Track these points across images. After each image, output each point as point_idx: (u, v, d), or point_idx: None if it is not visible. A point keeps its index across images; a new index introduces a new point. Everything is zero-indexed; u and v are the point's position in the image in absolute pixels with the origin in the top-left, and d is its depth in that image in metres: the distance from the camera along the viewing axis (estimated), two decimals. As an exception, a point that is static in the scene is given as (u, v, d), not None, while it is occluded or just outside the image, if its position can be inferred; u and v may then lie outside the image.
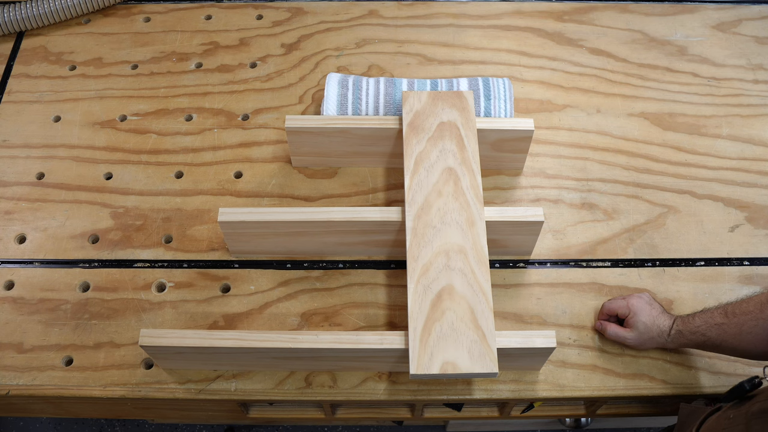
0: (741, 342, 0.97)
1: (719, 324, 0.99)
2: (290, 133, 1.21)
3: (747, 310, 0.97)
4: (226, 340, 1.01)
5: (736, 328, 0.97)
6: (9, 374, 1.10)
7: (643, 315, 1.07)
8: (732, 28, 1.48)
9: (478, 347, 0.97)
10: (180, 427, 1.97)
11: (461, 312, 1.00)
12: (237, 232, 1.14)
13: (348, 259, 1.21)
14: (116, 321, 1.15)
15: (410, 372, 0.96)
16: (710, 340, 1.01)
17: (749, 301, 0.99)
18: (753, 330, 0.96)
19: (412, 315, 1.00)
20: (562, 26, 1.48)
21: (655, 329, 1.06)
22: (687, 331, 1.03)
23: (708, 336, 1.01)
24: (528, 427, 1.82)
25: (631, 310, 1.08)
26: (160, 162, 1.31)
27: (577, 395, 1.09)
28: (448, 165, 1.12)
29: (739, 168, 1.30)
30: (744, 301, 0.99)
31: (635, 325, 1.07)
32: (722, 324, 0.99)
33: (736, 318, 0.98)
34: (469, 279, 1.02)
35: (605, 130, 1.35)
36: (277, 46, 1.46)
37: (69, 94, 1.40)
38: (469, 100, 1.19)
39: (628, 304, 1.09)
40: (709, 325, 1.01)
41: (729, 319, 0.99)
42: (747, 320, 0.96)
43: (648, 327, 1.07)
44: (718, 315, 1.00)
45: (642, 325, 1.07)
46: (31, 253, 1.21)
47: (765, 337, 0.95)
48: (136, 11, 1.51)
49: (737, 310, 0.98)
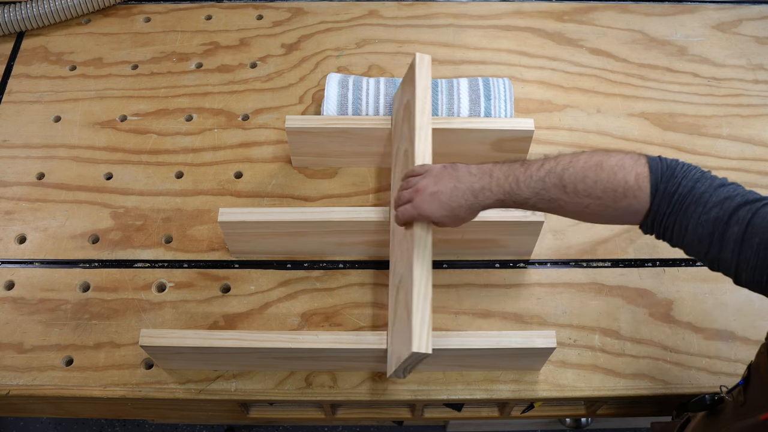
0: (584, 218, 0.89)
1: (555, 199, 0.87)
2: (290, 133, 1.21)
3: (588, 190, 0.85)
4: (226, 340, 1.01)
5: (577, 208, 0.87)
6: (9, 374, 1.10)
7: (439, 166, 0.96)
8: (732, 28, 1.48)
9: (408, 332, 0.92)
10: (180, 427, 1.97)
11: (405, 301, 0.97)
12: (237, 232, 1.14)
13: (348, 259, 1.20)
14: (116, 321, 1.15)
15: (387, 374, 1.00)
16: (540, 209, 0.90)
17: (585, 173, 0.85)
18: (596, 211, 0.86)
19: (389, 316, 1.01)
20: (562, 26, 1.48)
21: (460, 170, 0.93)
22: (513, 200, 0.90)
23: (539, 207, 0.90)
24: (528, 427, 1.82)
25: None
26: (161, 162, 1.31)
27: (577, 395, 1.09)
28: (404, 148, 1.11)
29: (739, 168, 1.30)
30: (585, 176, 0.85)
31: (428, 169, 0.96)
32: (559, 200, 0.87)
33: (578, 198, 0.86)
34: (410, 265, 0.97)
35: (605, 130, 1.35)
36: (278, 46, 1.46)
37: (69, 94, 1.40)
38: (416, 70, 1.15)
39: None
40: (541, 198, 0.88)
41: (569, 197, 0.86)
42: (591, 203, 0.85)
43: (445, 169, 0.94)
44: (554, 189, 0.87)
45: (437, 168, 0.95)
46: (31, 253, 1.21)
47: (609, 219, 0.87)
48: (137, 11, 1.51)
49: (579, 187, 0.85)
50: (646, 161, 0.84)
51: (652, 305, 1.16)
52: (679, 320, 1.15)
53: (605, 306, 1.16)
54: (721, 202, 0.78)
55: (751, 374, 0.87)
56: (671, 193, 0.81)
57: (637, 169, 0.83)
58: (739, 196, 0.78)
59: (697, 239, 0.80)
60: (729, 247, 0.77)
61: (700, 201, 0.80)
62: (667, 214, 0.82)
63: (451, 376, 1.10)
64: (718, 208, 0.78)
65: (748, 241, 0.75)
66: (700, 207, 0.80)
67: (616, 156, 0.85)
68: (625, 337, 1.13)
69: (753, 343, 1.12)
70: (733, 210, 0.77)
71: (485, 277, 1.19)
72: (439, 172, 0.95)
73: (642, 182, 0.83)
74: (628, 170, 0.83)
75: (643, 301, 1.16)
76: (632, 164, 0.84)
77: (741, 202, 0.77)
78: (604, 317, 1.15)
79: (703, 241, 0.79)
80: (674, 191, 0.81)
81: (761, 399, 0.84)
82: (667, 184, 0.82)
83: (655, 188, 0.82)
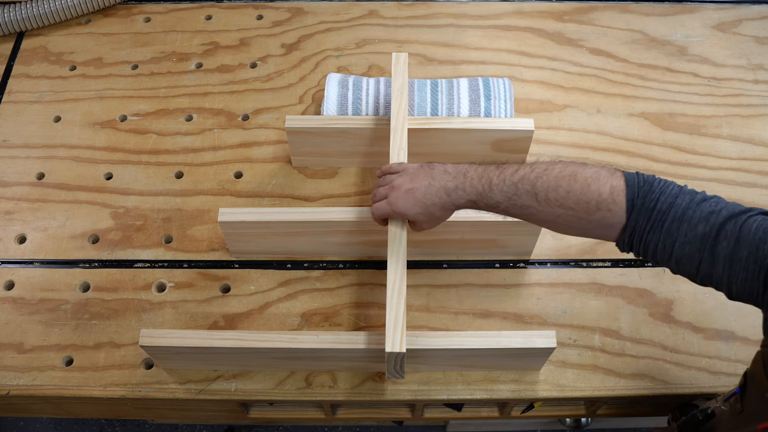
0: (557, 228, 0.88)
1: (527, 206, 0.87)
2: (290, 133, 1.21)
3: (560, 200, 0.84)
4: (226, 340, 1.01)
5: (549, 217, 0.86)
6: (9, 374, 1.10)
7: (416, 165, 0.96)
8: (732, 28, 1.48)
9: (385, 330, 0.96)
10: (180, 427, 1.97)
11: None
12: (237, 232, 1.14)
13: (348, 259, 1.20)
14: (116, 321, 1.15)
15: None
16: (512, 214, 0.89)
17: (558, 183, 0.84)
18: (568, 222, 0.85)
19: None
20: (562, 26, 1.48)
21: (436, 169, 0.93)
22: (486, 203, 0.89)
23: (511, 212, 0.89)
24: (528, 427, 1.82)
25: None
26: (161, 162, 1.31)
27: (577, 395, 1.09)
28: None
29: (739, 168, 1.30)
30: (558, 185, 0.84)
31: (405, 168, 0.96)
32: (531, 207, 0.86)
33: (550, 207, 0.85)
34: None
35: (605, 130, 1.35)
36: (277, 46, 1.46)
37: (69, 94, 1.40)
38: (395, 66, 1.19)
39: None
40: (513, 203, 0.88)
41: (540, 206, 0.86)
42: (563, 213, 0.85)
43: (421, 168, 0.94)
44: (526, 195, 0.86)
45: (414, 167, 0.95)
46: (31, 253, 1.21)
47: (583, 231, 0.86)
48: (137, 11, 1.51)
49: (551, 196, 0.85)
50: (622, 175, 0.83)
51: (652, 305, 1.16)
52: (679, 320, 1.15)
53: (605, 306, 1.16)
54: (707, 218, 0.77)
55: (747, 382, 0.87)
56: (649, 208, 0.80)
57: (612, 182, 0.82)
58: (724, 210, 0.77)
59: (686, 257, 0.79)
60: (720, 262, 0.76)
61: (684, 218, 0.79)
62: (647, 230, 0.80)
63: (451, 376, 1.10)
64: (704, 224, 0.77)
65: (737, 255, 0.75)
66: (684, 224, 0.78)
67: (591, 168, 0.84)
68: (625, 337, 1.13)
69: (753, 343, 1.12)
70: (720, 225, 0.76)
71: (485, 277, 1.19)
72: (416, 170, 0.95)
73: (617, 196, 0.82)
74: (603, 182, 0.82)
75: (643, 301, 1.16)
76: (607, 177, 0.83)
77: (727, 216, 0.77)
78: (604, 317, 1.15)
79: (693, 258, 0.78)
80: (653, 207, 0.80)
81: (759, 408, 0.83)
82: (645, 199, 0.81)
83: (631, 203, 0.81)
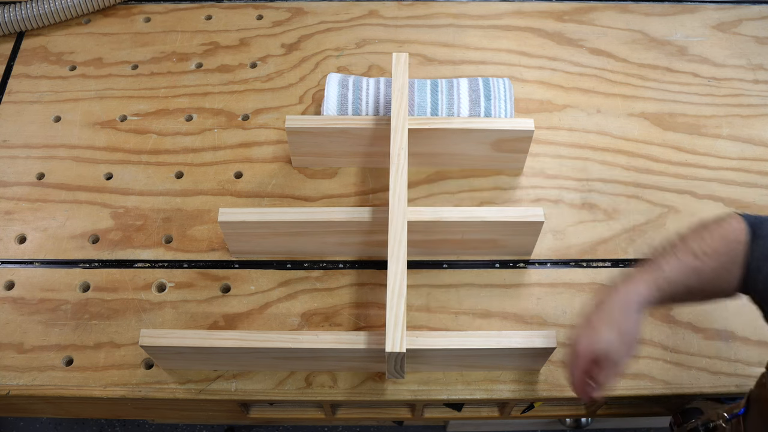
0: (719, 282, 0.88)
1: (694, 268, 0.87)
2: (290, 133, 1.21)
3: (715, 248, 0.87)
4: (226, 340, 1.01)
5: (713, 271, 0.87)
6: (9, 374, 1.10)
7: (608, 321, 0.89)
8: (732, 28, 1.48)
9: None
10: (180, 427, 1.98)
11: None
12: (237, 232, 1.14)
13: (348, 259, 1.20)
14: (116, 321, 1.15)
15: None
16: (687, 287, 0.89)
17: (711, 237, 0.88)
18: (727, 267, 0.87)
19: None
20: (562, 26, 1.48)
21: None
22: (664, 285, 0.88)
23: (687, 284, 0.88)
24: (528, 427, 1.82)
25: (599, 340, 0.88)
26: (160, 162, 1.31)
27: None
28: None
29: (739, 168, 1.30)
30: (702, 236, 0.89)
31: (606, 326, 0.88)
32: (696, 267, 0.87)
33: (708, 258, 0.87)
34: None
35: (605, 130, 1.35)
36: (277, 46, 1.46)
37: (69, 94, 1.40)
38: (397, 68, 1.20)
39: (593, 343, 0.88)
40: (682, 272, 0.88)
41: (702, 261, 0.87)
42: (721, 259, 0.86)
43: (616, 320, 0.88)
44: (688, 257, 0.88)
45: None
46: (31, 253, 1.22)
47: (737, 273, 0.87)
48: (137, 11, 1.51)
49: (705, 248, 0.87)
50: (735, 213, 0.89)
51: (652, 305, 1.16)
52: (679, 320, 1.15)
53: (605, 306, 1.16)
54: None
55: (750, 405, 0.86)
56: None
57: (732, 222, 0.88)
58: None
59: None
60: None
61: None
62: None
63: (451, 376, 1.10)
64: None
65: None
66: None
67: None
68: (625, 337, 1.13)
69: (753, 343, 1.12)
70: None
71: (485, 277, 1.19)
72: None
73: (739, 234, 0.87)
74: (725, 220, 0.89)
75: (643, 301, 1.16)
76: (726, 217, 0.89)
77: None
78: (604, 317, 1.15)
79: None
80: None
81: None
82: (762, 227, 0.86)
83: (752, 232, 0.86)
